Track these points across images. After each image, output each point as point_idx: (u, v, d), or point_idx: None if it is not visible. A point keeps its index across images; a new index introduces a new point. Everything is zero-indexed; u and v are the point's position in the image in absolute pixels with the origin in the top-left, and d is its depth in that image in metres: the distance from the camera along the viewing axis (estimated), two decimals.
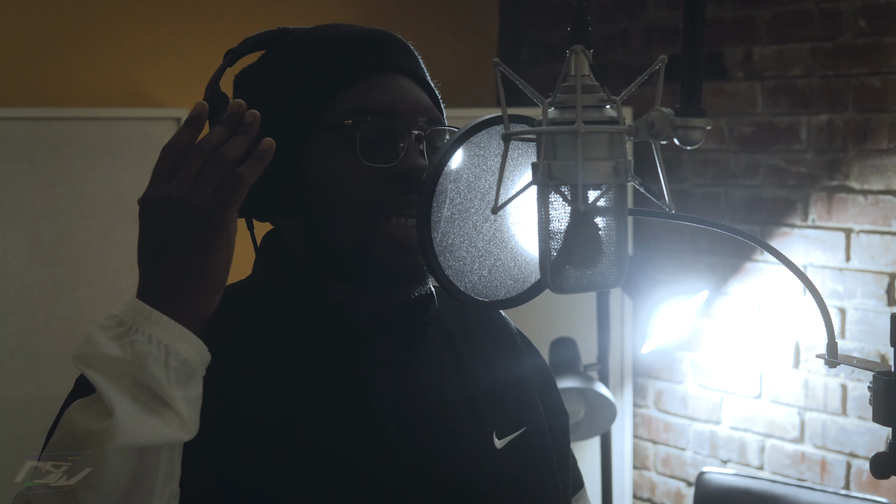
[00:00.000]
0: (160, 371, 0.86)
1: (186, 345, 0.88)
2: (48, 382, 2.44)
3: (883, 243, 2.68)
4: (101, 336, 0.87)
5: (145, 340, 0.86)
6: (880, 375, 0.90)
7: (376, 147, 1.01)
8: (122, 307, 0.89)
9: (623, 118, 0.84)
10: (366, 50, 1.05)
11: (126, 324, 0.88)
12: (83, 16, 2.73)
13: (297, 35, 1.09)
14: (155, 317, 0.87)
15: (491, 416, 1.10)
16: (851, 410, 2.77)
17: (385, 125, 1.01)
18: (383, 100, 1.02)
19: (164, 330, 0.87)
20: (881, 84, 2.67)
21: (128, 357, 0.86)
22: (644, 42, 3.23)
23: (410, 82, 1.06)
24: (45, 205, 2.46)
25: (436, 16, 3.37)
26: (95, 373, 0.86)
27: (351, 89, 1.03)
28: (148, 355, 0.86)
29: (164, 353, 0.87)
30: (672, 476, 3.24)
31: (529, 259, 0.98)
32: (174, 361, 0.87)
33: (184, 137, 0.93)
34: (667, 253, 3.19)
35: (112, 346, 0.86)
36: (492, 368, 1.15)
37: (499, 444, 1.09)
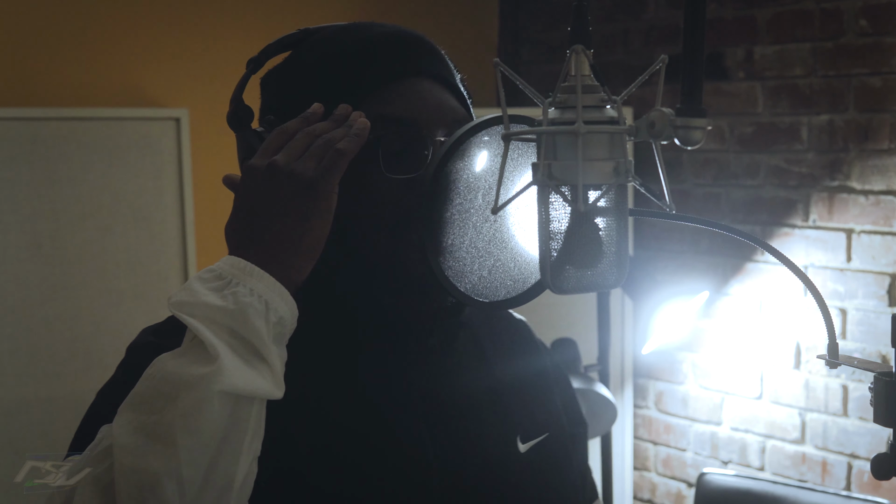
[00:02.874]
0: (261, 323, 0.86)
1: (284, 303, 0.89)
2: (47, 383, 2.44)
3: (884, 244, 2.68)
4: (201, 286, 0.88)
5: (247, 292, 0.87)
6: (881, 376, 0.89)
7: (400, 158, 0.99)
8: (220, 263, 0.90)
9: (623, 118, 0.83)
10: (385, 56, 1.03)
11: (225, 277, 0.88)
12: (83, 16, 2.73)
13: (317, 40, 1.06)
14: (257, 273, 0.88)
15: (516, 421, 1.10)
16: (852, 411, 2.77)
17: (407, 135, 1.00)
18: (405, 108, 1.00)
19: (264, 285, 0.88)
20: (882, 84, 2.67)
21: (230, 307, 0.86)
22: (644, 42, 3.23)
23: (434, 85, 1.04)
24: (45, 205, 2.46)
25: (436, 16, 3.37)
26: (195, 320, 0.86)
27: (371, 98, 1.01)
28: (250, 307, 0.86)
29: (264, 306, 0.87)
30: (673, 477, 3.24)
31: (529, 259, 0.97)
32: (273, 316, 0.88)
33: (295, 124, 0.96)
34: (667, 253, 3.19)
35: (212, 295, 0.87)
36: (518, 373, 1.15)
37: (522, 448, 1.09)
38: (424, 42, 1.06)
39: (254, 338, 0.86)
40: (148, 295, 2.59)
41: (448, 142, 0.94)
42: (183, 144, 2.61)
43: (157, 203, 2.60)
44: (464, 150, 0.95)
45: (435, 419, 1.04)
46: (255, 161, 0.94)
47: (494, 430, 1.08)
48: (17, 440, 2.39)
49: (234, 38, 2.89)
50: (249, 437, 0.86)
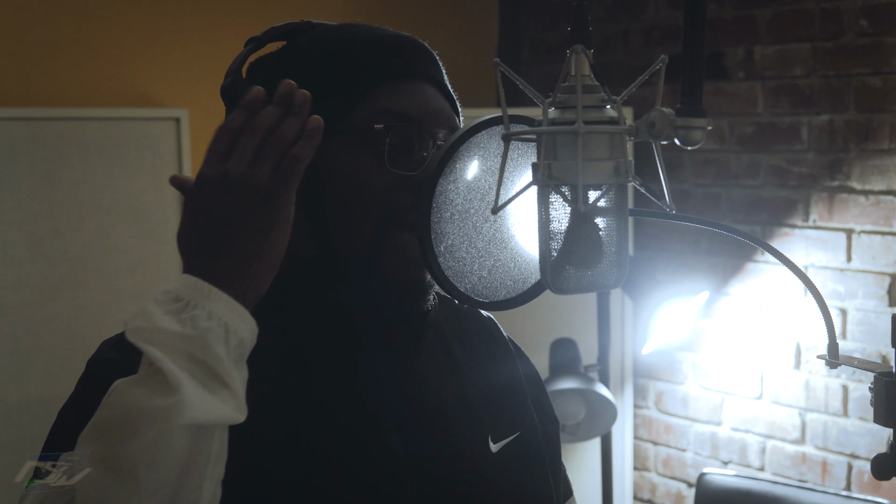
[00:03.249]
0: (221, 349, 0.83)
1: (244, 324, 0.85)
2: (47, 383, 2.44)
3: (884, 244, 2.68)
4: (157, 310, 0.84)
5: (205, 316, 0.83)
6: (881, 376, 0.89)
7: (402, 154, 0.99)
8: (176, 283, 0.86)
9: (623, 118, 0.83)
10: (395, 54, 1.03)
11: (183, 299, 0.84)
12: (83, 16, 2.73)
13: (324, 31, 1.07)
14: (214, 293, 0.85)
15: (486, 420, 1.09)
16: (852, 411, 2.77)
17: (412, 132, 1.00)
18: (410, 106, 1.00)
19: (223, 307, 0.84)
20: (882, 84, 2.67)
21: (188, 332, 0.83)
22: (644, 42, 3.23)
23: (435, 90, 1.04)
24: (44, 205, 2.46)
25: (436, 16, 3.37)
26: (153, 347, 0.82)
27: (379, 92, 1.01)
28: (209, 332, 0.83)
29: (224, 330, 0.84)
30: (673, 477, 3.24)
31: (529, 260, 0.97)
32: (233, 339, 0.84)
33: (238, 118, 0.90)
34: (667, 253, 3.19)
35: (170, 320, 0.83)
36: (486, 372, 1.14)
37: (494, 448, 1.08)
38: (426, 48, 1.07)
39: (215, 364, 0.83)
40: (147, 295, 2.58)
41: (448, 141, 0.94)
42: (183, 144, 2.61)
43: (157, 203, 2.60)
44: (464, 150, 0.95)
45: (404, 421, 1.04)
46: (205, 170, 0.89)
47: (465, 431, 1.07)
48: (17, 440, 2.39)
49: (234, 38, 2.87)
50: (212, 464, 0.84)
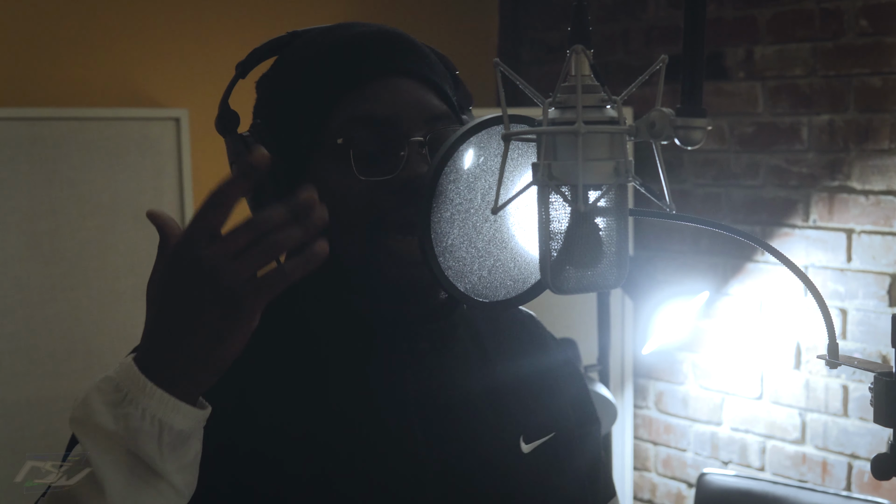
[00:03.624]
0: (153, 447, 0.83)
1: (182, 417, 0.84)
2: (47, 383, 2.44)
3: (884, 244, 2.68)
4: (97, 401, 0.83)
5: (139, 415, 0.82)
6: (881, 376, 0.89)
7: (374, 160, 0.98)
8: (120, 369, 0.84)
9: (624, 118, 0.83)
10: (362, 54, 1.01)
11: (122, 391, 0.83)
12: (83, 16, 2.73)
13: (301, 43, 1.06)
14: (149, 389, 0.82)
15: (518, 420, 1.08)
16: (853, 411, 2.77)
17: (380, 135, 0.99)
18: (380, 107, 0.99)
19: (158, 403, 0.82)
20: (882, 84, 2.67)
21: (120, 432, 0.82)
22: (645, 42, 3.23)
23: (414, 83, 1.02)
24: (44, 205, 2.46)
25: (436, 16, 3.37)
26: (89, 441, 0.83)
27: (347, 99, 1.00)
28: (140, 432, 0.82)
29: (157, 428, 0.82)
30: (673, 477, 3.24)
31: (529, 259, 0.97)
32: (167, 436, 0.83)
33: (235, 190, 0.82)
34: (667, 253, 3.18)
35: (106, 415, 0.83)
36: (521, 371, 1.12)
37: (525, 448, 1.07)
38: (404, 39, 1.04)
39: (147, 460, 0.83)
40: None
41: (448, 141, 0.93)
42: (183, 144, 2.61)
43: (157, 203, 2.60)
44: (464, 149, 0.95)
45: (431, 422, 1.03)
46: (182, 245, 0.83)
47: (495, 431, 1.06)
48: (17, 440, 2.39)
49: (234, 38, 2.88)
50: None
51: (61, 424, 2.71)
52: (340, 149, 0.98)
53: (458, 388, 1.06)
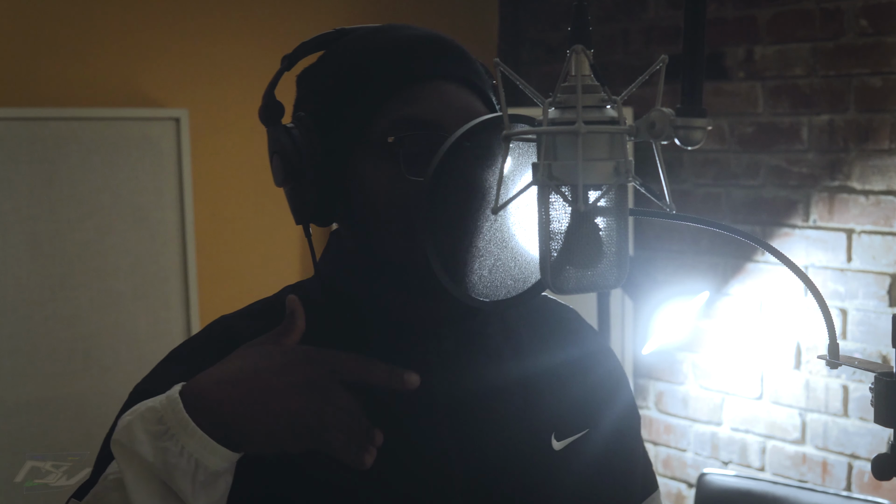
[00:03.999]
0: (186, 484, 0.87)
1: (217, 458, 0.88)
2: (46, 383, 2.44)
3: (884, 244, 2.68)
4: (139, 430, 0.88)
5: (177, 452, 0.87)
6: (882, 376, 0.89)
7: (421, 161, 0.98)
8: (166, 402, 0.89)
9: (624, 118, 0.83)
10: (412, 57, 1.02)
11: (165, 424, 0.88)
12: (83, 16, 2.73)
13: (349, 40, 1.06)
14: (191, 429, 0.87)
15: (550, 416, 1.07)
16: (853, 411, 2.77)
17: (429, 137, 0.99)
18: (428, 110, 1.00)
19: (196, 442, 0.87)
20: (882, 84, 2.67)
21: (158, 465, 0.87)
22: (645, 42, 3.23)
23: (461, 88, 1.03)
24: (44, 205, 2.46)
25: (436, 16, 3.37)
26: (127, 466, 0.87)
27: (396, 99, 1.00)
28: (176, 468, 0.87)
29: (193, 466, 0.87)
30: (673, 477, 3.24)
31: (530, 259, 0.97)
32: (202, 475, 0.87)
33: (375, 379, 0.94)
34: (667, 253, 3.18)
35: (147, 445, 0.87)
36: (555, 367, 1.11)
37: (557, 445, 1.06)
38: (451, 45, 1.06)
39: (180, 494, 0.87)
40: (148, 295, 2.59)
41: (448, 141, 0.93)
42: (183, 144, 2.61)
43: (157, 203, 2.60)
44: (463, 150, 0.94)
45: (458, 422, 1.03)
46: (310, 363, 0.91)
47: (524, 428, 1.05)
48: (17, 440, 2.39)
49: (234, 38, 2.88)
50: None
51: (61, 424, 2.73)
52: (389, 147, 0.98)
53: (488, 386, 1.06)
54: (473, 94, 1.04)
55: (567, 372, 1.13)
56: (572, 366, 1.14)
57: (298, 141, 1.01)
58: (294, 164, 1.00)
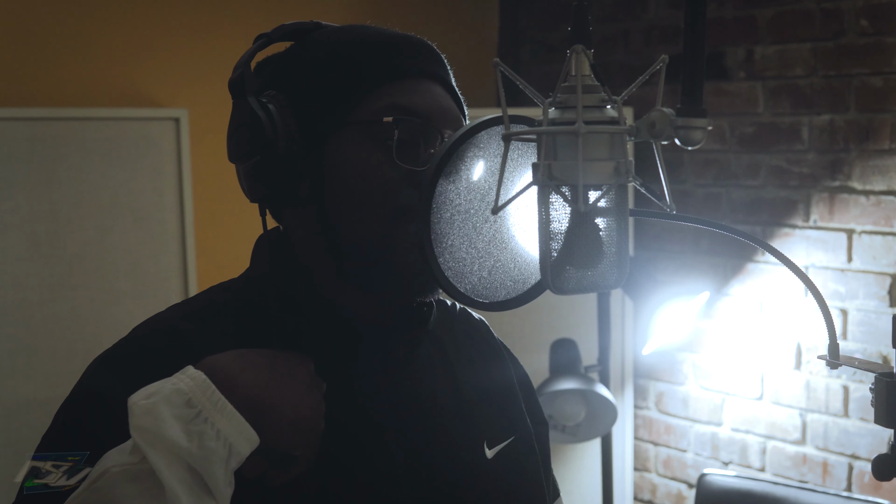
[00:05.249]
0: (220, 472, 0.84)
1: (247, 444, 0.86)
2: (46, 383, 2.44)
3: (885, 244, 2.67)
4: (167, 413, 0.84)
5: (213, 436, 0.84)
6: (882, 377, 0.89)
7: (410, 148, 0.99)
8: (191, 383, 0.86)
9: (624, 118, 0.83)
10: (404, 52, 1.04)
11: (195, 406, 0.85)
12: (82, 16, 2.73)
13: (333, 30, 1.07)
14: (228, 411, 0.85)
15: (481, 425, 1.10)
16: (853, 412, 2.77)
17: (421, 128, 1.00)
18: (420, 103, 1.01)
19: (232, 426, 0.85)
20: (883, 84, 2.67)
21: (194, 450, 0.83)
22: (645, 42, 3.23)
23: (442, 90, 1.05)
24: (44, 205, 2.46)
25: (436, 16, 3.37)
26: (155, 453, 0.83)
27: (390, 88, 1.01)
28: (214, 454, 0.84)
29: (227, 452, 0.85)
30: (673, 478, 3.24)
31: (530, 260, 0.97)
32: (234, 462, 0.85)
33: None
34: (668, 254, 3.18)
35: (178, 430, 0.83)
36: (480, 377, 1.15)
37: (489, 453, 1.09)
38: (435, 49, 1.08)
39: (211, 483, 0.84)
40: (147, 295, 2.58)
41: (448, 141, 0.93)
42: (182, 144, 2.61)
43: (157, 203, 2.60)
44: (464, 150, 0.94)
45: (403, 426, 1.04)
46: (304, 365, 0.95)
47: (461, 437, 1.08)
48: (17, 440, 2.39)
49: (234, 38, 2.88)
50: None
51: None
52: (382, 130, 0.99)
53: (427, 394, 1.08)
54: (450, 96, 1.06)
55: (490, 384, 1.16)
56: (494, 378, 1.17)
57: (273, 114, 0.99)
58: (264, 136, 0.97)
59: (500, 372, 1.19)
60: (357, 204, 0.99)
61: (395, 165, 0.98)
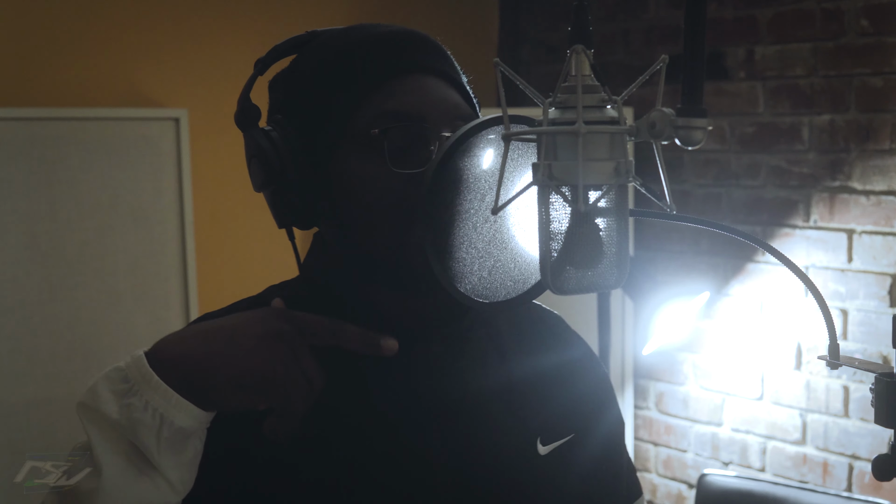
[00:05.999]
0: (150, 440, 0.86)
1: (183, 414, 0.87)
2: (46, 383, 2.44)
3: (885, 244, 2.67)
4: (104, 389, 0.87)
5: (141, 407, 0.86)
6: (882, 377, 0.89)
7: (405, 153, 0.99)
8: (131, 361, 0.88)
9: (624, 118, 0.83)
10: (392, 51, 1.03)
11: (129, 381, 0.87)
12: (82, 16, 2.73)
13: (326, 38, 1.06)
14: (154, 382, 0.87)
15: (536, 421, 1.07)
16: (853, 412, 2.77)
17: (412, 129, 0.99)
18: (410, 103, 1.00)
19: (159, 397, 0.86)
20: (883, 84, 2.67)
21: (122, 422, 0.86)
22: (645, 42, 3.23)
23: (438, 81, 1.03)
24: (43, 205, 2.46)
25: (436, 16, 3.37)
26: (92, 428, 0.87)
27: (376, 93, 1.00)
28: (140, 423, 0.86)
29: (157, 421, 0.86)
30: (673, 478, 3.24)
31: (530, 260, 0.97)
32: (167, 431, 0.86)
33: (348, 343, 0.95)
34: (668, 254, 3.18)
35: (111, 404, 0.86)
36: (539, 369, 1.12)
37: (543, 450, 1.06)
38: (428, 40, 1.06)
39: (145, 451, 0.86)
40: (147, 295, 2.58)
41: (448, 141, 0.93)
42: (182, 145, 2.61)
43: (157, 203, 2.60)
44: (464, 150, 0.94)
45: (444, 425, 1.02)
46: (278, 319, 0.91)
47: (511, 432, 1.05)
48: (17, 440, 2.39)
49: (234, 38, 2.88)
50: None
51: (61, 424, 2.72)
52: (374, 141, 0.98)
53: (473, 390, 1.06)
54: (451, 87, 1.05)
55: (553, 377, 1.13)
56: (558, 371, 1.14)
57: (277, 143, 1.00)
58: (274, 166, 1.00)
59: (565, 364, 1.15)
60: (366, 215, 1.00)
61: (392, 173, 0.98)
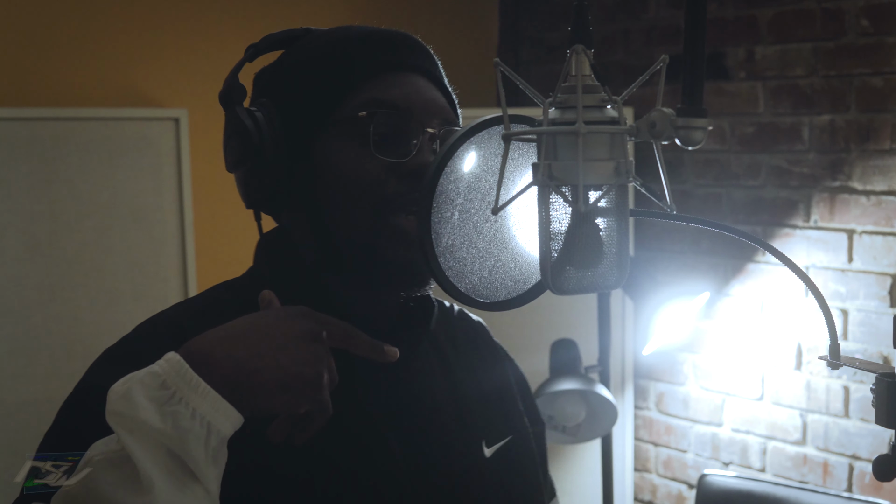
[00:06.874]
0: (200, 451, 0.81)
1: (227, 421, 0.83)
2: (46, 384, 2.44)
3: (885, 244, 2.67)
4: (141, 396, 0.81)
5: (189, 415, 0.81)
6: (883, 377, 0.89)
7: (389, 141, 1.01)
8: (167, 365, 0.83)
9: (624, 118, 0.83)
10: (385, 48, 1.05)
11: (169, 388, 0.81)
12: (82, 16, 2.72)
13: (319, 34, 1.10)
14: (202, 389, 0.82)
15: (480, 425, 1.11)
16: (854, 412, 2.77)
17: (399, 119, 1.02)
18: (399, 96, 1.03)
19: (208, 404, 0.82)
20: (884, 84, 2.67)
21: (168, 430, 0.80)
22: (645, 42, 3.22)
23: (427, 82, 1.06)
24: (43, 205, 2.46)
25: (436, 16, 3.37)
26: (131, 437, 0.80)
27: (368, 84, 1.03)
28: (190, 433, 0.81)
29: (205, 430, 0.81)
30: (673, 478, 3.24)
31: (530, 260, 0.97)
32: (214, 440, 0.82)
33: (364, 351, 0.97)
34: (668, 254, 3.18)
35: (152, 411, 0.80)
36: (478, 377, 1.16)
37: (487, 452, 1.10)
38: (419, 43, 1.09)
39: (191, 463, 0.81)
40: (147, 295, 2.58)
41: (449, 141, 0.93)
42: (182, 145, 2.61)
43: (156, 203, 2.59)
44: (464, 150, 0.94)
45: (402, 426, 1.05)
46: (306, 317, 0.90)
47: (460, 436, 1.09)
48: (17, 440, 2.39)
49: (234, 38, 2.88)
50: None
51: None
52: (360, 125, 1.01)
53: (426, 394, 1.09)
54: (437, 89, 1.07)
55: (489, 385, 1.17)
56: (491, 377, 1.19)
57: (260, 121, 1.02)
58: (254, 144, 1.01)
59: (498, 372, 1.20)
60: (342, 200, 1.01)
61: (375, 159, 1.00)
